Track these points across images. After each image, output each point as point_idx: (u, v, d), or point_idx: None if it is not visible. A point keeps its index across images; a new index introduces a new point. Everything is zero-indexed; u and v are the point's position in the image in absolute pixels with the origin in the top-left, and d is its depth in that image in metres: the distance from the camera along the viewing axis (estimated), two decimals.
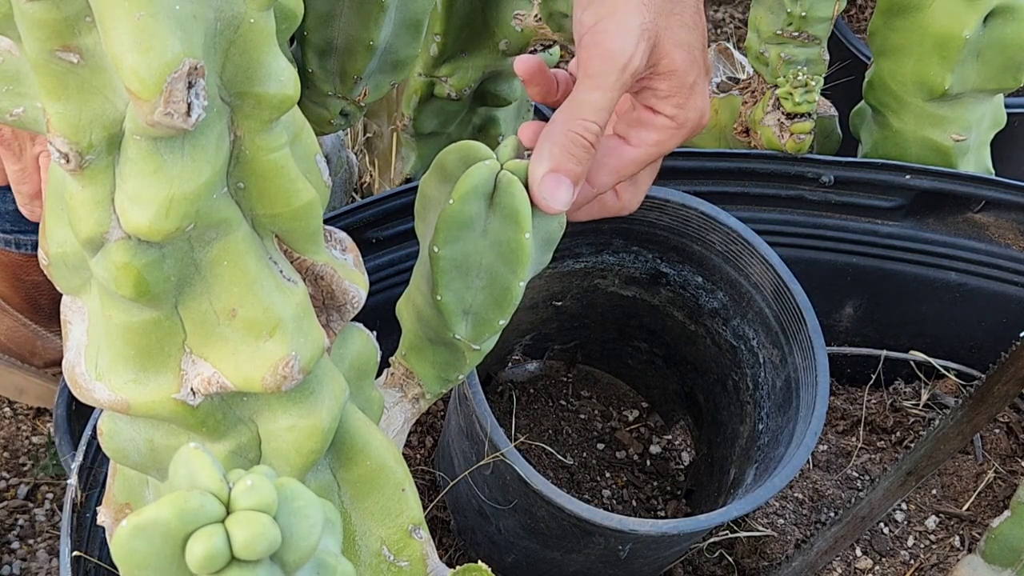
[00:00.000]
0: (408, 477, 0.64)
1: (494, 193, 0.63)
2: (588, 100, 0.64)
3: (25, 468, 1.23)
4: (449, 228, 0.63)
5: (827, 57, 1.12)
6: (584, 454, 1.09)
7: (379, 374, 0.69)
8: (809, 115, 1.07)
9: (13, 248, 1.09)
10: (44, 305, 1.15)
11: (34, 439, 1.24)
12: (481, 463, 0.81)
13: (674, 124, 0.68)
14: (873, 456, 1.12)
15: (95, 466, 0.80)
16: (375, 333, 0.69)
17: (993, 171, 1.18)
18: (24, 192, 0.88)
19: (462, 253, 0.64)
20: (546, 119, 0.68)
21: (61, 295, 0.57)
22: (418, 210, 0.69)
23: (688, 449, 1.11)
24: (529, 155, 0.66)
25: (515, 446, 0.78)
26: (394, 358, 0.74)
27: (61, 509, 1.19)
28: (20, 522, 1.18)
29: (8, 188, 1.05)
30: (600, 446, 1.10)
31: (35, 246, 1.09)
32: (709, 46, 1.14)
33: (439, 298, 0.66)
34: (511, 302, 0.67)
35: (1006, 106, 1.16)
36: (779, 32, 1.09)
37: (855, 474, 1.10)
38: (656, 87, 0.67)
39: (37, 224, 1.08)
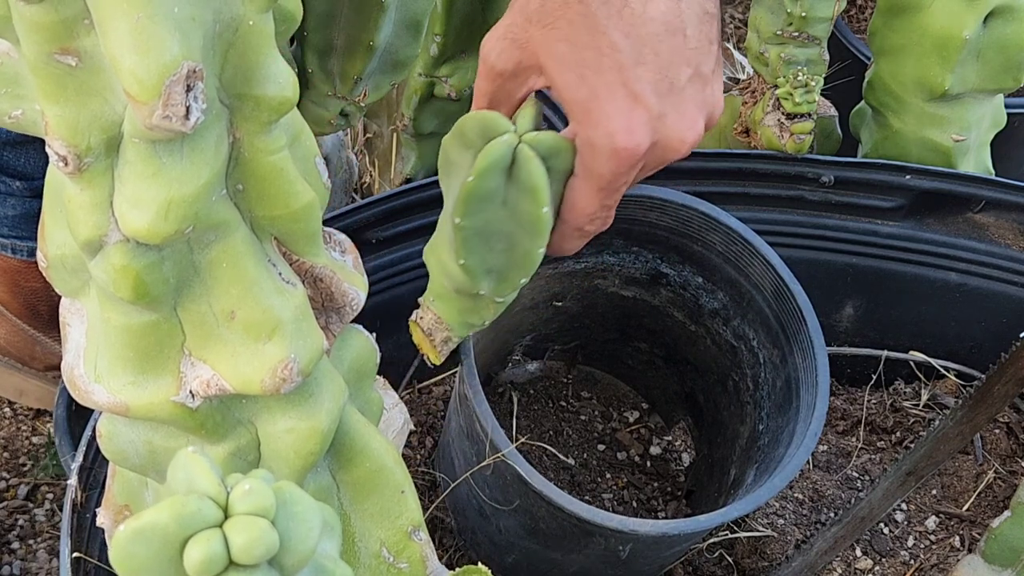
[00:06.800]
0: (407, 479, 0.64)
1: (512, 165, 0.63)
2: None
3: (25, 468, 1.23)
4: (469, 202, 0.64)
5: (827, 57, 1.12)
6: (585, 455, 1.09)
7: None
8: (809, 115, 1.07)
9: (10, 253, 1.09)
10: (42, 311, 1.15)
11: (34, 439, 1.24)
12: (482, 464, 0.81)
13: (582, 144, 0.64)
14: (873, 456, 1.12)
15: (95, 467, 0.80)
16: (375, 334, 0.69)
17: (993, 171, 1.18)
18: None
19: (483, 222, 0.65)
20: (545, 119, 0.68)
21: (59, 301, 0.57)
22: (441, 166, 0.69)
23: (688, 450, 1.11)
24: (547, 126, 0.66)
25: (516, 447, 0.78)
26: (422, 300, 0.75)
27: (61, 509, 1.19)
28: (20, 522, 1.18)
29: (8, 193, 1.05)
30: (601, 447, 1.10)
31: (31, 252, 1.09)
32: None
33: (462, 263, 0.67)
34: (532, 264, 0.68)
35: (1006, 106, 1.16)
36: (779, 32, 1.09)
37: (855, 474, 1.10)
38: (557, 100, 0.66)
39: (35, 230, 1.08)
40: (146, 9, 0.41)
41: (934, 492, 1.10)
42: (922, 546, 1.06)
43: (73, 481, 0.78)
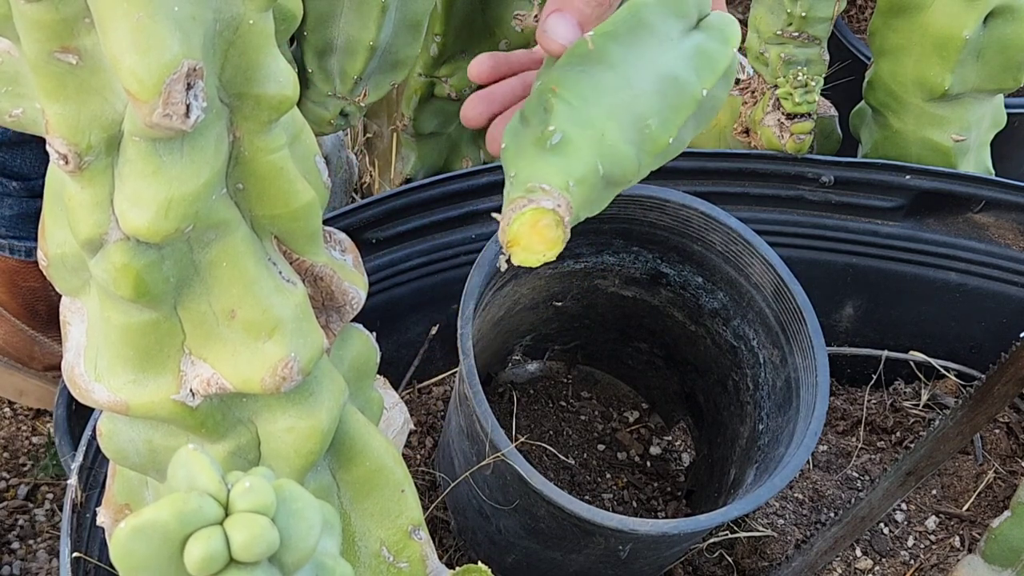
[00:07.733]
0: (408, 478, 0.64)
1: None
2: None
3: (25, 468, 1.23)
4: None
5: (827, 57, 1.12)
6: (585, 455, 1.09)
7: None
8: (809, 115, 1.07)
9: (8, 253, 1.09)
10: (41, 311, 1.15)
11: (34, 439, 1.24)
12: (482, 463, 0.81)
13: None
14: (873, 456, 1.12)
15: (95, 466, 0.80)
16: (375, 334, 0.69)
17: (993, 171, 1.18)
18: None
19: None
20: None
21: (58, 302, 0.57)
22: (626, 26, 0.61)
23: (688, 450, 1.11)
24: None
25: (515, 447, 0.78)
26: (544, 185, 0.59)
27: (61, 509, 1.19)
28: (20, 522, 1.18)
29: (5, 194, 1.05)
30: (601, 447, 1.10)
31: (29, 251, 1.09)
32: None
33: (674, 137, 0.62)
34: (681, 146, 0.63)
35: (1006, 106, 1.16)
36: (779, 32, 1.09)
37: (855, 474, 1.10)
38: None
39: (32, 229, 1.08)
40: (146, 8, 0.41)
41: (934, 492, 1.10)
42: (922, 546, 1.06)
43: (73, 481, 0.78)
